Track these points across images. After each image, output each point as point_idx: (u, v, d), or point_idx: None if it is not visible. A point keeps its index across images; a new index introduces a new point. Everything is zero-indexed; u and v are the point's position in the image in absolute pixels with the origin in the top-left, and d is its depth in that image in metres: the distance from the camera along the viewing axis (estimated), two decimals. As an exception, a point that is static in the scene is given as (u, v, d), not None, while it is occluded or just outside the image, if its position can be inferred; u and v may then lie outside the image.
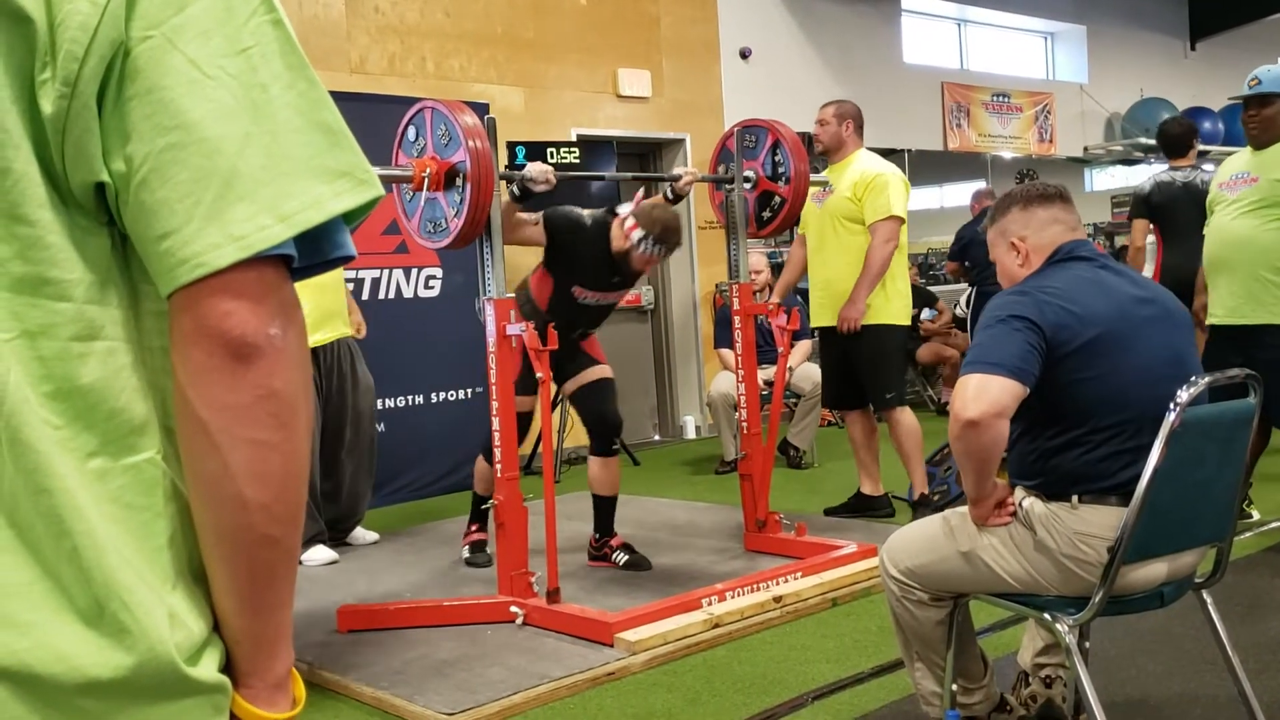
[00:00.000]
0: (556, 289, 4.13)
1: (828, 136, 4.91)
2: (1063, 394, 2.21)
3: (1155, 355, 2.24)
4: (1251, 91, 4.14)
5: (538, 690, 3.07)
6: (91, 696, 0.73)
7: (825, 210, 4.88)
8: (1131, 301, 2.28)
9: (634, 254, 4.00)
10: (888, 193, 4.70)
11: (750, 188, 4.56)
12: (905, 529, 2.55)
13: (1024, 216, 2.41)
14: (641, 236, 3.95)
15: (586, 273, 4.09)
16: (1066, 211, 2.41)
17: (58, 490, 0.72)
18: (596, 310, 4.24)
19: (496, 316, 3.65)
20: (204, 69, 0.74)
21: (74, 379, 0.74)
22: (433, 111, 3.60)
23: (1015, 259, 2.40)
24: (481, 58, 6.94)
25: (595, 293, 4.15)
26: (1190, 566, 2.34)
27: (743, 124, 4.63)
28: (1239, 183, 4.14)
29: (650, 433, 8.09)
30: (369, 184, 0.79)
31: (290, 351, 0.76)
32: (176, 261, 0.73)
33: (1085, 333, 2.20)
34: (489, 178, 3.50)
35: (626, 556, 4.28)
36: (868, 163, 4.87)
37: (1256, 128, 4.13)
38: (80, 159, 0.74)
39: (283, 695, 0.84)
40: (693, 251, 8.00)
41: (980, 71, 10.53)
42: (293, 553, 0.81)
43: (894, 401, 4.82)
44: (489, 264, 3.70)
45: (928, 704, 2.51)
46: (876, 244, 4.70)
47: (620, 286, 4.23)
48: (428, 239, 3.71)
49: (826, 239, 4.88)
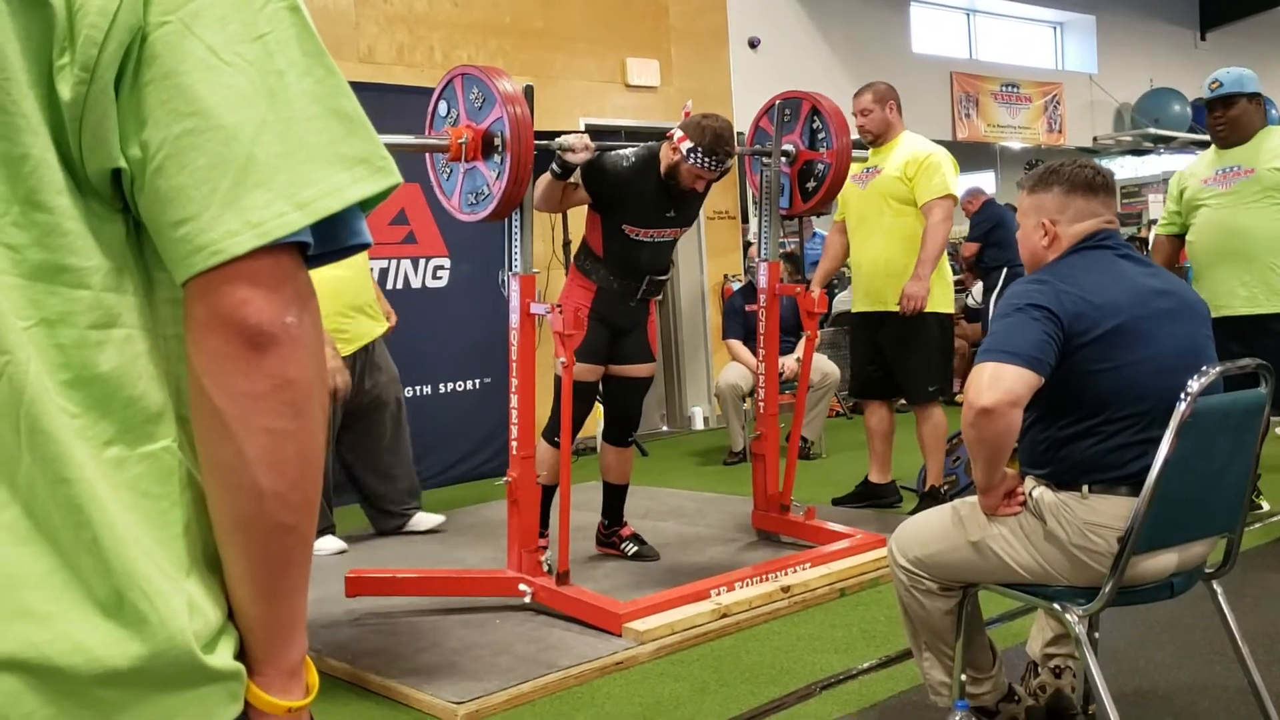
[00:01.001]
0: (606, 230, 3.94)
1: (875, 124, 4.76)
2: (1078, 384, 2.20)
3: (1172, 347, 2.23)
4: (1214, 95, 4.22)
5: (546, 679, 3.07)
6: (110, 686, 0.73)
7: (871, 191, 4.75)
8: (1150, 293, 2.27)
9: (682, 167, 3.79)
10: (942, 171, 4.59)
11: (788, 162, 4.44)
12: (914, 519, 2.55)
13: (1063, 201, 2.36)
14: (690, 147, 3.74)
15: (635, 208, 3.89)
16: (1105, 205, 2.38)
17: (77, 479, 0.72)
18: (654, 251, 4.00)
19: (521, 293, 3.59)
20: (221, 55, 0.73)
21: (92, 367, 0.74)
22: (463, 77, 3.48)
23: (1042, 238, 2.38)
24: (490, 47, 6.93)
25: (647, 229, 3.93)
26: (1200, 557, 2.34)
27: (781, 96, 4.51)
28: (1231, 176, 4.20)
29: (658, 423, 8.09)
30: (386, 171, 0.79)
31: (306, 340, 0.76)
32: (193, 249, 0.73)
33: (1103, 323, 2.19)
34: (528, 140, 3.35)
35: (635, 547, 4.26)
36: (916, 143, 4.74)
37: (1224, 128, 4.23)
38: (98, 145, 0.73)
39: (296, 683, 0.84)
40: (701, 242, 7.99)
41: (989, 61, 10.49)
42: (308, 540, 0.81)
43: (935, 395, 4.70)
44: (516, 238, 3.60)
45: (936, 694, 2.51)
46: (935, 222, 4.56)
47: (676, 223, 4.00)
48: (469, 212, 3.55)
49: (871, 221, 4.74)
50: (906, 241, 4.63)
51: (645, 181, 3.89)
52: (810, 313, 4.36)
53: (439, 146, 3.49)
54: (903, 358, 4.72)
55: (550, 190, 3.78)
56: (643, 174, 3.89)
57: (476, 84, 3.45)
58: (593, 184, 3.88)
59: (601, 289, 3.95)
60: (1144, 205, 11.98)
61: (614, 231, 3.93)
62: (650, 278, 4.03)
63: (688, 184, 3.85)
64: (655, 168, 3.89)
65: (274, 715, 0.82)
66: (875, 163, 4.80)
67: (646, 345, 4.18)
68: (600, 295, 3.97)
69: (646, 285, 4.04)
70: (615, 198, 3.87)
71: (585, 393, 3.94)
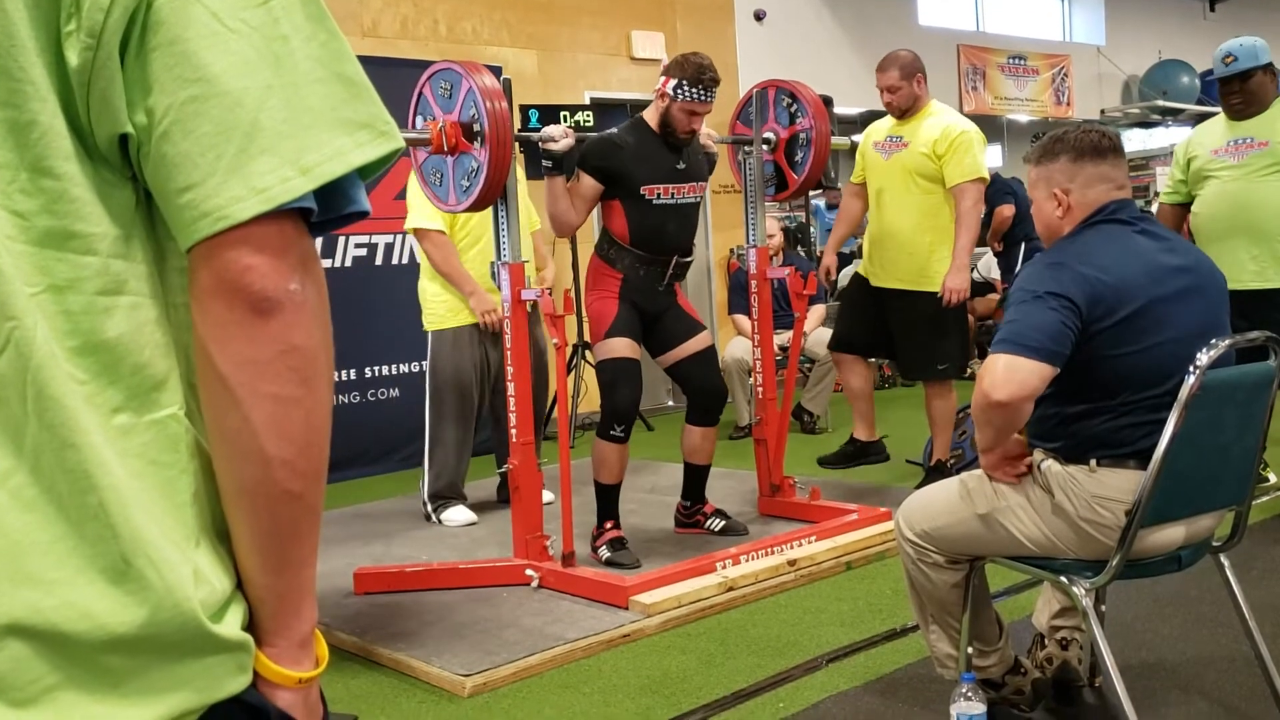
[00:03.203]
0: (627, 207, 3.87)
1: (903, 99, 4.59)
2: (1096, 367, 2.18)
3: (1190, 329, 2.19)
4: (1229, 70, 4.16)
5: (553, 652, 3.09)
6: (116, 653, 0.72)
7: (895, 165, 4.59)
8: (1168, 271, 2.23)
9: (673, 109, 3.79)
10: (973, 151, 4.45)
11: (770, 150, 4.47)
12: (921, 492, 2.54)
13: (1072, 169, 2.32)
14: (676, 84, 3.77)
15: (645, 167, 3.85)
16: (1115, 168, 2.33)
17: (84, 445, 0.72)
18: (679, 219, 3.95)
19: (511, 281, 3.64)
20: (225, 21, 0.73)
21: (99, 333, 0.74)
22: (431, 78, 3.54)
23: (1055, 209, 2.34)
24: (494, 20, 6.90)
25: (663, 185, 3.87)
26: (1208, 530, 2.33)
27: (762, 85, 4.54)
28: (1244, 148, 4.15)
29: (664, 398, 8.09)
30: (390, 135, 0.79)
31: (310, 306, 0.76)
32: (198, 214, 0.73)
33: (1120, 309, 2.16)
34: (504, 115, 3.38)
35: (722, 522, 4.19)
36: (947, 117, 4.57)
37: (1240, 101, 4.17)
38: (105, 111, 0.73)
39: (307, 654, 0.84)
40: (707, 216, 7.97)
41: (996, 33, 10.42)
42: (316, 509, 0.81)
43: (947, 374, 4.60)
44: (504, 229, 3.67)
45: (942, 666, 2.52)
46: (967, 207, 4.44)
47: (688, 176, 3.94)
48: (466, 199, 3.55)
49: (891, 194, 4.61)
50: (928, 219, 4.51)
51: (643, 140, 3.89)
52: (799, 294, 4.32)
53: (420, 140, 3.50)
54: (913, 336, 4.61)
55: (556, 190, 3.75)
56: (638, 134, 3.90)
57: (445, 76, 3.50)
58: (596, 163, 3.85)
59: (627, 278, 3.89)
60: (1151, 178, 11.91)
61: (635, 203, 3.87)
62: (677, 258, 3.97)
63: (684, 127, 3.85)
64: (646, 127, 3.91)
65: (284, 686, 0.82)
66: (901, 133, 4.62)
67: (689, 318, 4.09)
68: (626, 284, 3.90)
69: (674, 268, 3.97)
70: (622, 166, 3.83)
71: (631, 371, 3.83)
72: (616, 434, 3.83)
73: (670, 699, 2.82)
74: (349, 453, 5.60)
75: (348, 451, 5.56)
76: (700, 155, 4.05)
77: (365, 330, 5.75)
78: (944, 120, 4.56)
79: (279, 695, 0.82)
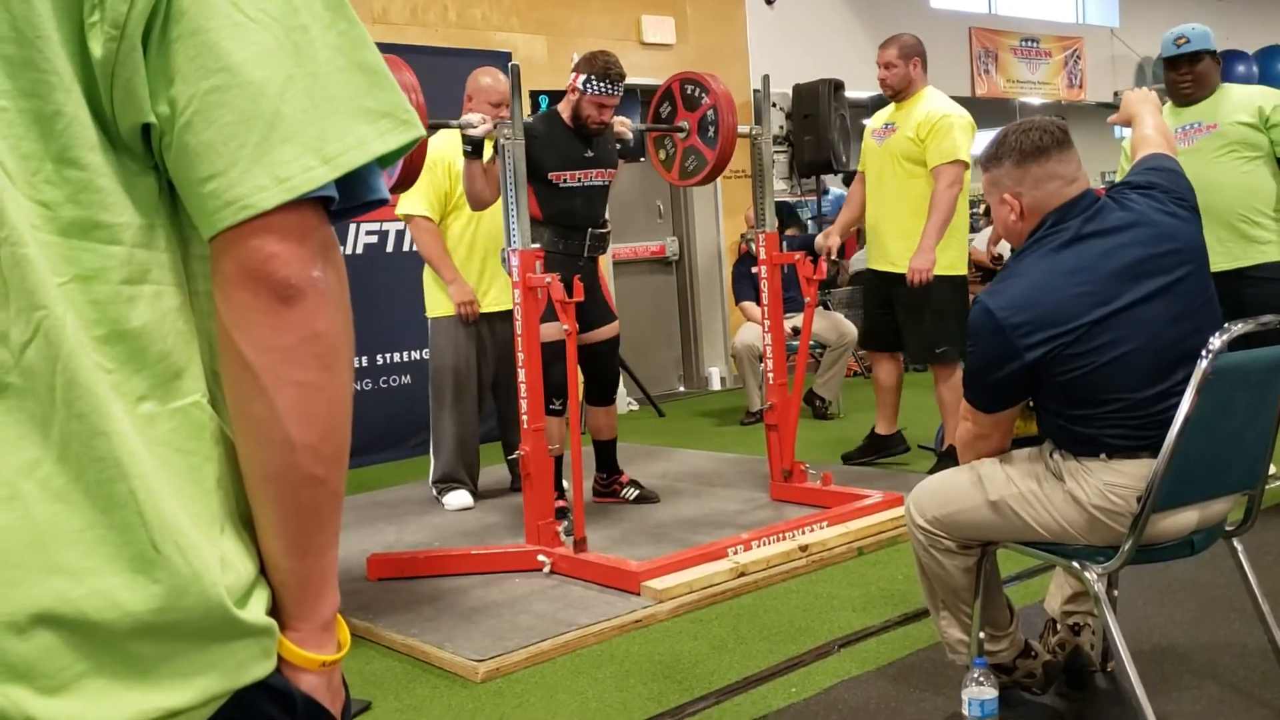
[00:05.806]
0: (537, 189, 4.04)
1: (896, 79, 4.71)
2: (1076, 384, 2.20)
3: (1164, 320, 2.18)
4: (1180, 51, 4.15)
5: (565, 637, 3.10)
6: (144, 640, 0.73)
7: (886, 150, 4.73)
8: (1125, 271, 2.20)
9: (583, 102, 4.04)
10: (952, 135, 4.53)
11: (684, 137, 4.49)
12: (932, 478, 2.55)
13: (1018, 173, 2.30)
14: (585, 79, 4.02)
15: (553, 154, 4.06)
16: (1062, 163, 2.29)
17: (114, 433, 0.72)
18: (587, 199, 4.15)
19: (522, 267, 3.64)
20: (246, 11, 0.74)
21: (125, 322, 0.75)
22: None
23: (1009, 213, 2.34)
24: (503, 6, 6.88)
25: (570, 172, 4.09)
26: (1221, 514, 2.33)
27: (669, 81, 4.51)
28: (1193, 133, 4.13)
29: (675, 384, 8.11)
30: (410, 124, 0.79)
31: (332, 293, 0.77)
32: (222, 204, 0.73)
33: (1078, 340, 2.16)
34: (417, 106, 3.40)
35: (637, 491, 4.45)
36: (934, 103, 4.67)
37: (1190, 85, 4.15)
38: (129, 101, 0.74)
39: (330, 638, 0.85)
40: (717, 201, 7.95)
41: (1008, 16, 10.35)
42: (338, 494, 0.82)
43: (946, 356, 4.63)
44: (513, 215, 3.68)
45: (954, 652, 2.52)
46: (941, 189, 4.51)
47: (596, 163, 4.15)
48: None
49: (884, 179, 4.73)
50: (916, 203, 4.60)
51: (554, 130, 4.11)
52: (809, 279, 4.35)
53: None
54: (912, 320, 4.70)
55: (473, 172, 3.92)
56: (549, 125, 4.12)
57: None
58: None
59: (549, 253, 3.97)
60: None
61: (544, 187, 4.07)
62: (591, 230, 4.17)
63: (594, 119, 4.08)
64: (559, 118, 4.14)
65: (308, 670, 0.83)
66: (894, 119, 4.76)
67: (605, 306, 4.35)
68: (549, 259, 3.94)
69: (590, 240, 4.17)
70: (533, 154, 3.95)
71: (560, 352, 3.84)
72: (555, 407, 4.02)
73: (682, 684, 2.83)
74: (362, 439, 5.53)
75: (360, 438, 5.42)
76: (611, 145, 4.25)
77: (377, 317, 5.76)
78: (931, 105, 4.68)
79: (303, 679, 0.83)
